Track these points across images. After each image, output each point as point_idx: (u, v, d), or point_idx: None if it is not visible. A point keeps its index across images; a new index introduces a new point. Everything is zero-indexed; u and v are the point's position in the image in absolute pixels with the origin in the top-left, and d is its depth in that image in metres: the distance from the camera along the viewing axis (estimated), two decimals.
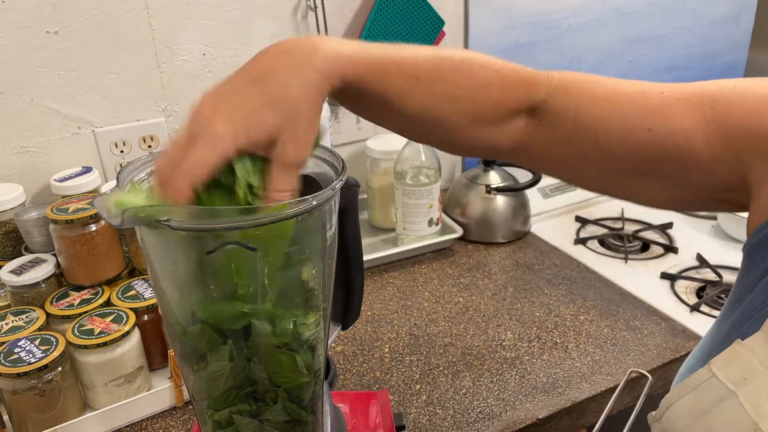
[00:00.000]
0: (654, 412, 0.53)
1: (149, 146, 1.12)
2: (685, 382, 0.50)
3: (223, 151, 0.45)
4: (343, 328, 0.69)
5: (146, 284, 0.89)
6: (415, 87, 0.51)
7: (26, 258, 0.90)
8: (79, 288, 0.88)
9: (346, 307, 0.67)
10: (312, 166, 0.54)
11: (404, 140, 1.18)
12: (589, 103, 0.55)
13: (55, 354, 0.76)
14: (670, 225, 1.29)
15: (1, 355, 0.75)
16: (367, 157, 1.24)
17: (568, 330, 0.98)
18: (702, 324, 1.00)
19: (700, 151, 0.52)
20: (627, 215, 1.33)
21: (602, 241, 1.25)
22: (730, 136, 0.51)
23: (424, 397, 0.86)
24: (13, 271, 0.87)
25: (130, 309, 0.84)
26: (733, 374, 0.47)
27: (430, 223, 1.19)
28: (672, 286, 1.10)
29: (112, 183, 1.01)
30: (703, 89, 0.54)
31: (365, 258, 0.91)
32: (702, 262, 1.17)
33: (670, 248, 1.22)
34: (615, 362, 0.91)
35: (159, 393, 0.84)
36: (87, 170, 1.00)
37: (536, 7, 1.38)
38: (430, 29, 1.26)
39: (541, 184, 1.30)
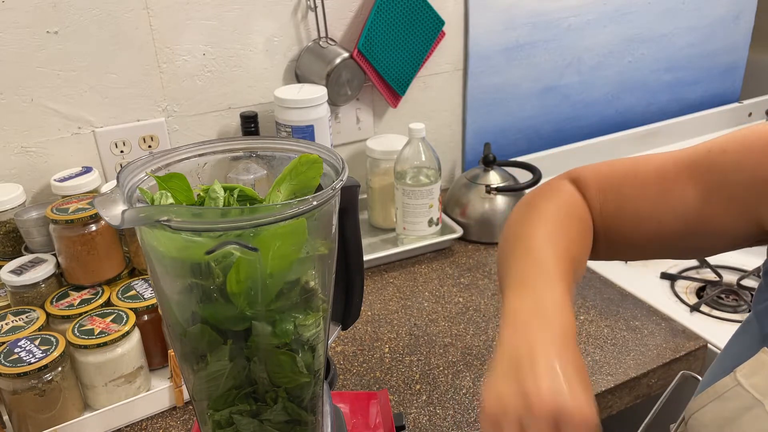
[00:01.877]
0: (674, 425, 0.54)
1: (149, 146, 1.12)
2: (709, 390, 0.50)
3: None
4: (343, 328, 0.69)
5: (146, 284, 0.89)
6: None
7: (26, 258, 0.90)
8: (79, 288, 0.88)
9: (346, 308, 0.67)
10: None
11: (404, 140, 1.19)
12: (609, 206, 0.63)
13: (55, 354, 0.76)
14: None
15: (1, 355, 0.75)
16: (367, 157, 1.24)
17: None
18: (702, 324, 1.00)
19: (712, 218, 0.57)
20: None
21: None
22: (734, 195, 0.55)
23: (424, 397, 0.86)
24: (13, 271, 0.87)
25: (130, 309, 0.84)
26: (759, 383, 0.47)
27: (430, 223, 1.19)
28: (672, 286, 1.10)
29: (112, 183, 1.01)
30: (693, 160, 0.59)
31: (365, 258, 0.91)
32: (702, 262, 1.17)
33: None
34: (615, 362, 0.91)
35: (159, 393, 0.84)
36: (87, 170, 1.00)
37: (536, 7, 1.38)
38: (430, 29, 1.26)
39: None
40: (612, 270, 1.14)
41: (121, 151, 1.10)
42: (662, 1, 1.53)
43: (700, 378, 0.78)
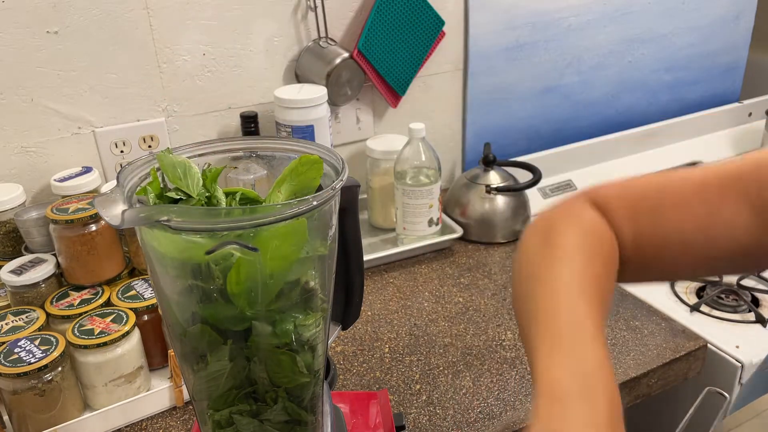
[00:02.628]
0: None
1: (149, 146, 1.12)
2: (748, 407, 0.50)
3: None
4: (343, 328, 0.69)
5: (146, 284, 0.89)
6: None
7: (26, 258, 0.90)
8: (79, 288, 0.88)
9: (346, 307, 0.67)
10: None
11: (404, 140, 1.18)
12: (646, 231, 0.56)
13: (55, 354, 0.76)
14: None
15: (1, 355, 0.75)
16: (367, 157, 1.24)
17: None
18: (702, 324, 1.00)
19: (764, 239, 0.53)
20: None
21: None
22: None
23: (424, 397, 0.86)
24: (13, 271, 0.87)
25: (130, 309, 0.84)
26: None
27: (430, 223, 1.19)
28: (672, 286, 1.10)
29: (112, 183, 1.01)
30: (742, 174, 0.54)
31: (365, 258, 0.91)
32: None
33: None
34: (615, 362, 0.91)
35: (159, 393, 0.84)
36: (87, 170, 1.00)
37: (536, 7, 1.38)
38: (430, 29, 1.26)
39: (541, 184, 1.30)
40: None
41: (121, 151, 1.10)
42: (662, 1, 1.53)
43: (726, 395, 0.77)
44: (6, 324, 0.82)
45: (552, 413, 0.42)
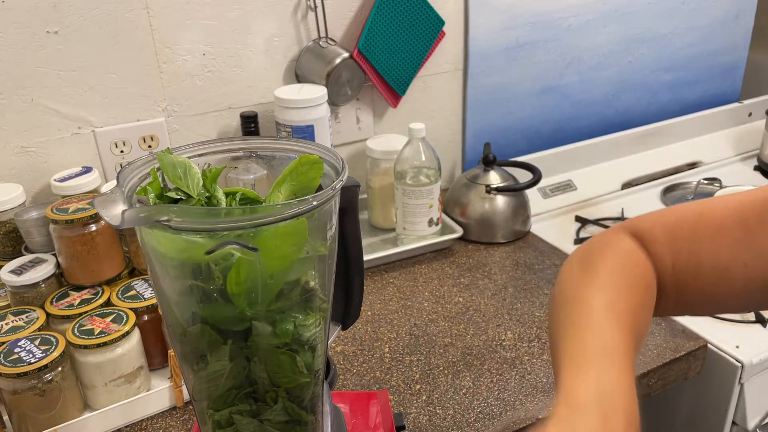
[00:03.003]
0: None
1: (149, 146, 1.12)
2: None
3: None
4: (343, 328, 0.69)
5: (146, 284, 0.89)
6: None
7: (26, 258, 0.90)
8: (79, 288, 0.88)
9: (346, 308, 0.67)
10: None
11: (404, 140, 1.18)
12: (682, 258, 0.56)
13: (55, 354, 0.76)
14: None
15: (1, 355, 0.75)
16: (367, 157, 1.24)
17: None
18: (702, 324, 1.00)
19: None
20: (627, 215, 1.33)
21: None
22: None
23: (424, 397, 0.86)
24: (13, 271, 0.87)
25: (130, 309, 0.84)
26: None
27: (430, 223, 1.19)
28: None
29: (112, 183, 1.01)
30: None
31: (365, 258, 0.91)
32: None
33: None
34: None
35: (159, 393, 0.84)
36: (87, 170, 1.00)
37: (536, 7, 1.38)
38: (430, 29, 1.26)
39: (541, 184, 1.30)
40: None
41: (121, 151, 1.10)
42: (662, 1, 1.53)
43: None
44: (6, 324, 0.82)
45: (569, 420, 0.44)
